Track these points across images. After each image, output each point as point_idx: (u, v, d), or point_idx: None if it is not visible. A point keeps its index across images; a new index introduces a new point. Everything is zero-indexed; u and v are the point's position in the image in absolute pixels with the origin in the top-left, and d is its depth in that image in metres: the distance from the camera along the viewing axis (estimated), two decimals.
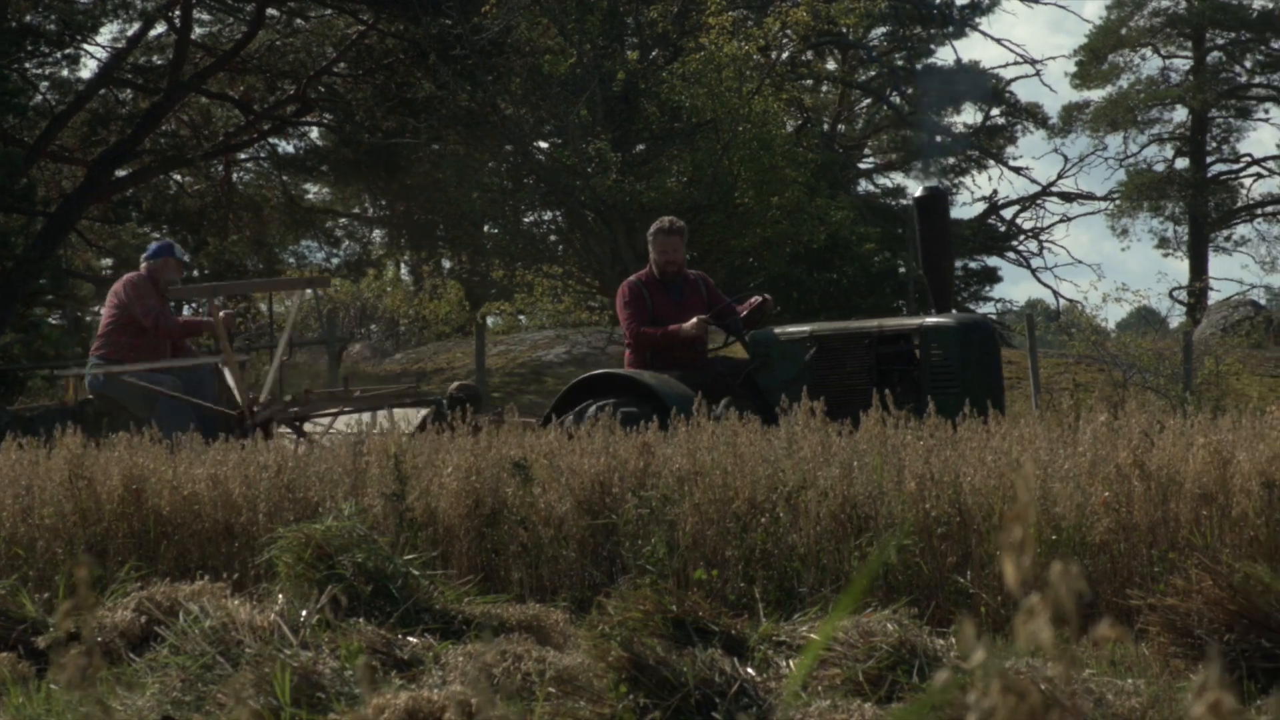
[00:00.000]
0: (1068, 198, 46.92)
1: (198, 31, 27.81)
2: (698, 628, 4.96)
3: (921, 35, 43.90)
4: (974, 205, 54.70)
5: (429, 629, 5.46)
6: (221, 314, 11.20)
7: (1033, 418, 7.46)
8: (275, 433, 10.14)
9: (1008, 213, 46.19)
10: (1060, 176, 46.80)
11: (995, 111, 45.53)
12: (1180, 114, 47.04)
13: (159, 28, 27.17)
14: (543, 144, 28.64)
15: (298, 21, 27.35)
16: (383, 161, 28.82)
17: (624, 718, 4.46)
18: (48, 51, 25.49)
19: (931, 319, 9.81)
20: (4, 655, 5.67)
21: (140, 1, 25.04)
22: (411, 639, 5.24)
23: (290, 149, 32.28)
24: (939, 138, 43.99)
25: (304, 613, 5.18)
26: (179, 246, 11.75)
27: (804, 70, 39.53)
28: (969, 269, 43.35)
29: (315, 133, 32.05)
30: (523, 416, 8.23)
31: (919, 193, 10.23)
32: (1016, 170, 60.05)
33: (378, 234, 42.69)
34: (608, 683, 4.53)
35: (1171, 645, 5.22)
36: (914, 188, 42.52)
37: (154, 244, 11.70)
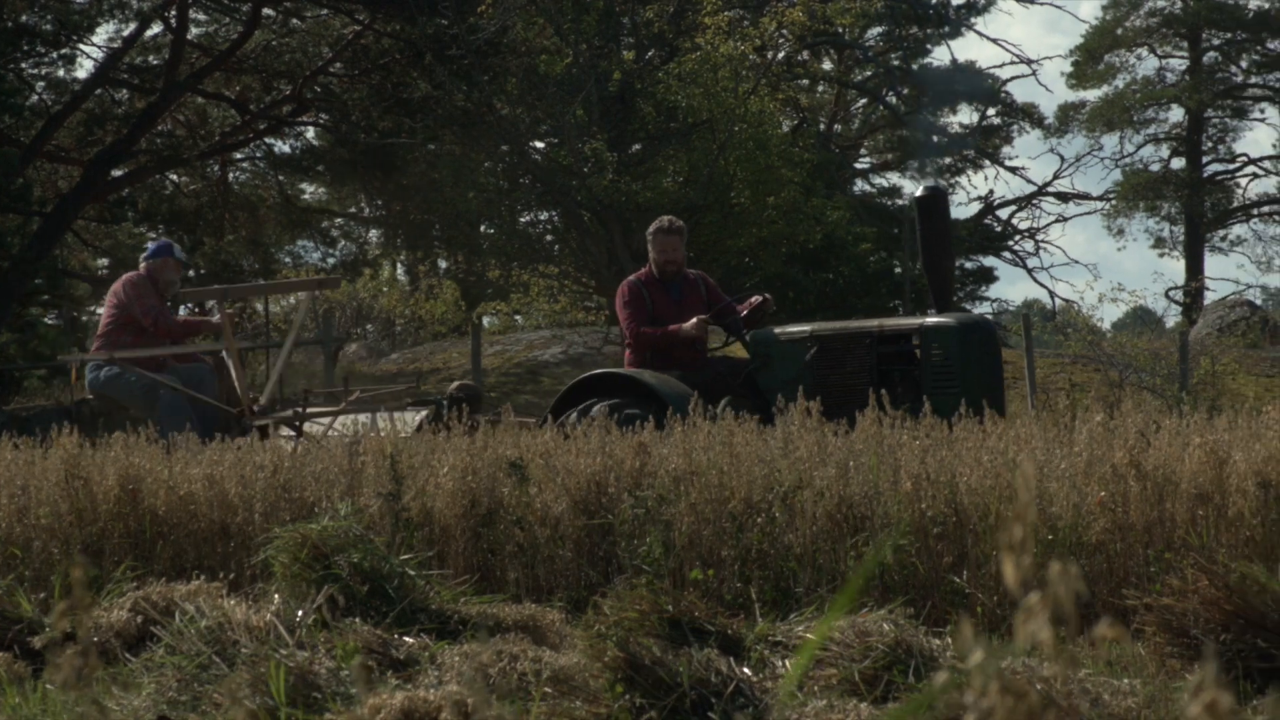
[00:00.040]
0: (1064, 198, 46.97)
1: (194, 31, 27.79)
2: (694, 628, 4.96)
3: (917, 35, 43.91)
4: (970, 205, 54.69)
5: (425, 629, 5.45)
6: (212, 304, 11.24)
7: (1029, 418, 7.46)
8: (273, 434, 10.14)
9: (1004, 213, 46.27)
10: (1056, 176, 46.84)
11: (991, 111, 45.56)
12: (1176, 114, 47.11)
13: (155, 28, 27.16)
14: (539, 144, 28.64)
15: (294, 21, 27.30)
16: (379, 161, 28.79)
17: (620, 718, 4.46)
18: (44, 51, 25.45)
19: (932, 319, 9.78)
20: (0, 655, 5.66)
21: (136, 1, 24.99)
22: (407, 639, 5.24)
23: (286, 149, 32.29)
24: (935, 138, 44.00)
25: (300, 613, 5.18)
26: (178, 246, 11.74)
27: (800, 70, 39.55)
28: (965, 269, 43.35)
29: (311, 133, 32.06)
30: (519, 416, 8.22)
31: (920, 192, 10.19)
32: (1013, 170, 60.00)
33: (374, 234, 42.73)
34: (604, 683, 4.53)
35: (1168, 645, 5.23)
36: (910, 188, 42.61)
37: (153, 244, 11.69)
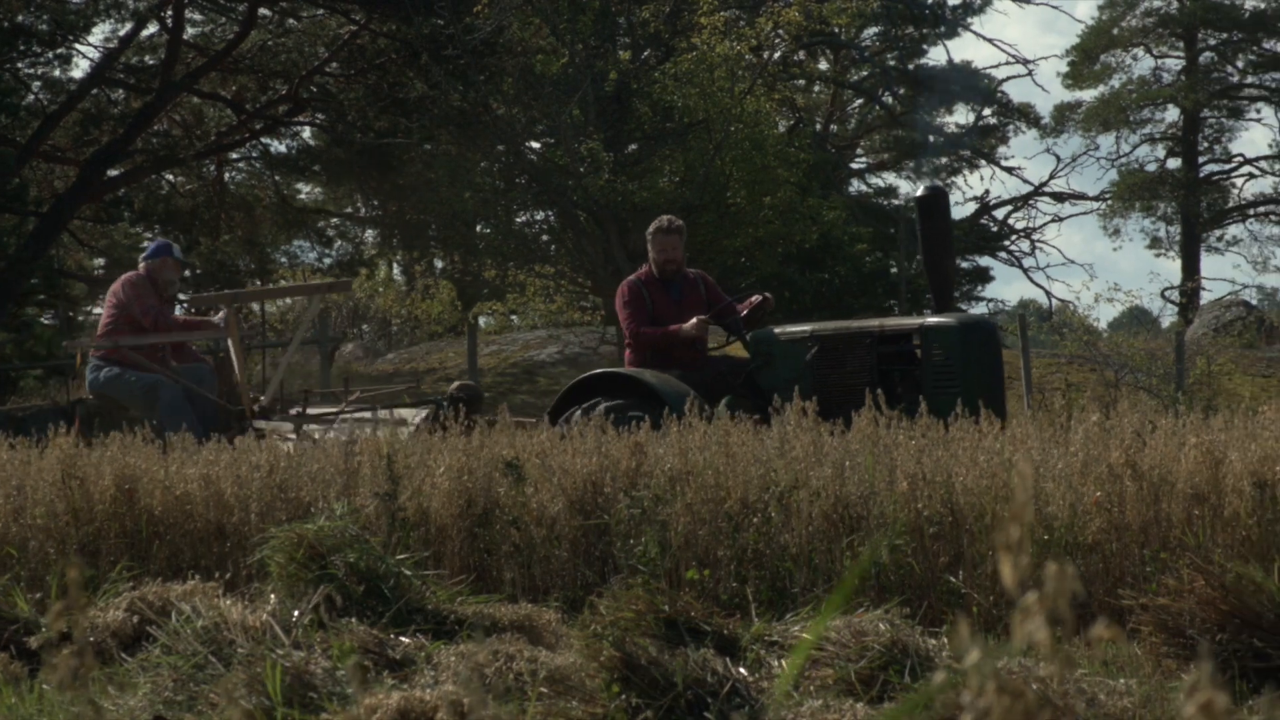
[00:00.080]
0: (1060, 198, 47.01)
1: (190, 31, 27.76)
2: (690, 628, 4.96)
3: (913, 35, 43.92)
4: (966, 205, 54.68)
5: (421, 629, 5.45)
6: (223, 312, 11.27)
7: (1025, 418, 7.47)
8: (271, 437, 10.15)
9: (1000, 213, 46.30)
10: (1052, 176, 47.02)
11: (988, 111, 45.59)
12: (1172, 114, 47.15)
13: (151, 28, 27.13)
14: (535, 144, 28.62)
15: (290, 21, 27.29)
16: (375, 161, 28.76)
17: (616, 718, 4.46)
18: (40, 51, 25.43)
19: (933, 318, 9.78)
20: None
21: (132, 1, 24.97)
22: (404, 639, 5.24)
23: (282, 149, 32.23)
24: (931, 138, 44.02)
25: (296, 613, 5.18)
26: (177, 246, 11.74)
27: (796, 70, 39.56)
28: (961, 269, 43.37)
29: (307, 133, 32.01)
30: (516, 416, 8.21)
31: (920, 192, 10.18)
32: (1009, 170, 59.95)
33: (370, 234, 42.68)
34: (600, 683, 4.53)
35: (1163, 645, 5.23)
36: (907, 188, 42.64)
37: (152, 244, 11.70)
